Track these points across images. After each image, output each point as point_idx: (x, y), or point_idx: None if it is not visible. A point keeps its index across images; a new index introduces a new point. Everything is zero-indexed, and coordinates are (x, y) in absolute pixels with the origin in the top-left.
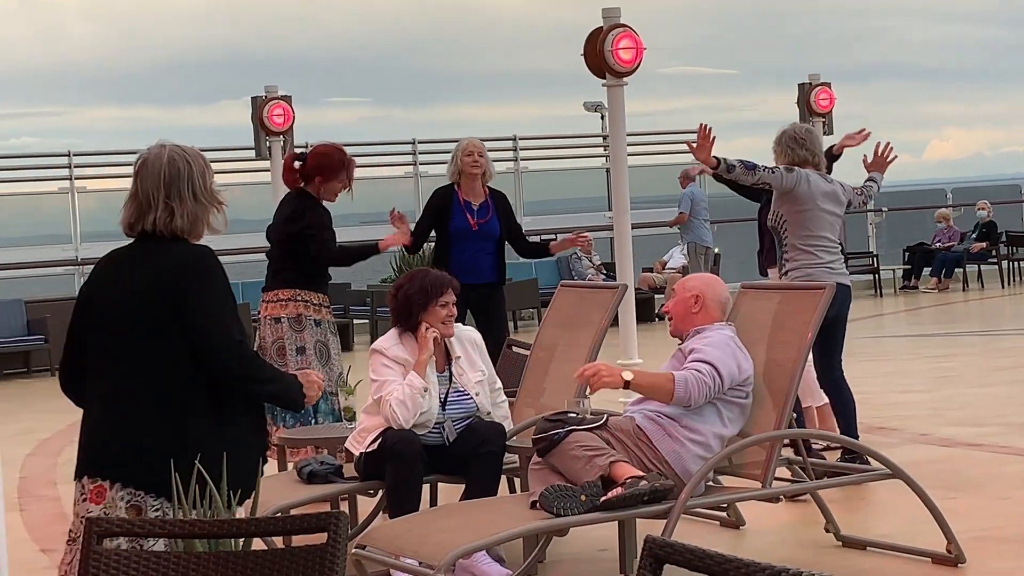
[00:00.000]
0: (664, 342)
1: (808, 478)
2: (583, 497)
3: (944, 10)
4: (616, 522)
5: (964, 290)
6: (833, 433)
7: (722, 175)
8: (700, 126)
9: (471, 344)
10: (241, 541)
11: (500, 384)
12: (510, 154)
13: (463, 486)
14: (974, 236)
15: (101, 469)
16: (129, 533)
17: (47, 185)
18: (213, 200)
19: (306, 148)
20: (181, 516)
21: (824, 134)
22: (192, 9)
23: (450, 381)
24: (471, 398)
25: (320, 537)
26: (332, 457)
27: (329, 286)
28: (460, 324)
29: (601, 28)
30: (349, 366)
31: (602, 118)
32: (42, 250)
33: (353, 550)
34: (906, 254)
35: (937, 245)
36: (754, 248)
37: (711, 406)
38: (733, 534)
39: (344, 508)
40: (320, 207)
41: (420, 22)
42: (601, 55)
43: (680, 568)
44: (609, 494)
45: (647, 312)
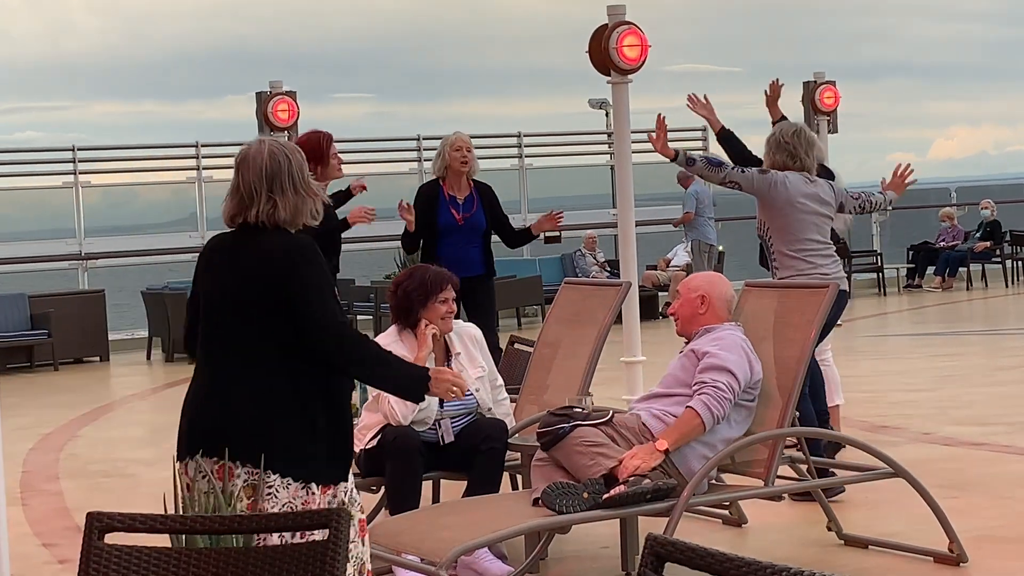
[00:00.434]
0: (668, 340)
1: (811, 477)
2: (585, 495)
3: (950, 8)
4: (618, 520)
5: (968, 289)
6: (836, 432)
7: (681, 167)
8: (658, 116)
9: (471, 340)
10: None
11: (501, 381)
12: (515, 151)
13: (465, 483)
14: (978, 235)
15: (222, 449)
16: (131, 529)
17: (51, 180)
18: (310, 192)
19: None
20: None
21: (829, 132)
22: (198, 4)
23: None
24: (471, 394)
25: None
26: None
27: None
28: (460, 320)
29: (606, 25)
30: None
31: (607, 115)
32: (46, 244)
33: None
34: (910, 253)
35: (941, 244)
36: (757, 245)
37: None
38: (735, 532)
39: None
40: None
41: (425, 18)
42: (606, 52)
43: (682, 566)
44: (611, 492)
45: (651, 309)
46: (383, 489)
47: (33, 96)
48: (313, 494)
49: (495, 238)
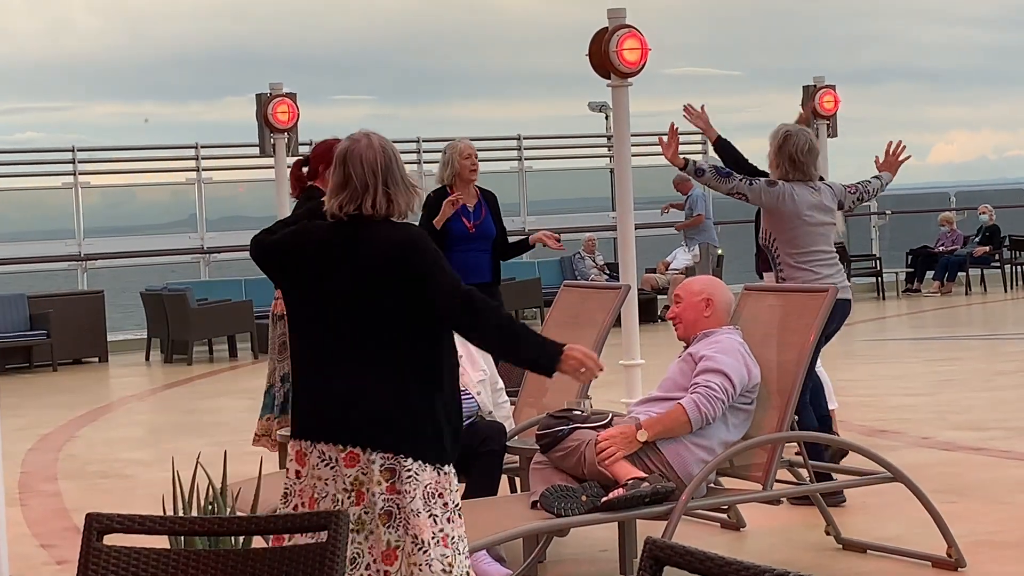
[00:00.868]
0: (667, 343)
1: (809, 481)
2: (584, 498)
3: (950, 13)
4: (616, 523)
5: (967, 294)
6: (834, 436)
7: (691, 176)
8: (671, 125)
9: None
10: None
11: (502, 384)
12: (514, 153)
13: (463, 485)
14: (977, 240)
15: (353, 436)
16: (130, 530)
17: (51, 180)
18: (411, 184)
19: (310, 144)
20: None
21: (829, 136)
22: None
23: None
24: (472, 398)
25: (320, 535)
26: None
27: None
28: None
29: (606, 28)
30: None
31: (606, 118)
32: (46, 245)
33: None
34: (909, 257)
35: (940, 248)
36: (754, 251)
37: None
38: (733, 536)
39: None
40: None
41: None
42: (606, 55)
43: (680, 570)
44: (610, 495)
45: (650, 313)
46: None
47: (33, 96)
48: (446, 474)
49: None
